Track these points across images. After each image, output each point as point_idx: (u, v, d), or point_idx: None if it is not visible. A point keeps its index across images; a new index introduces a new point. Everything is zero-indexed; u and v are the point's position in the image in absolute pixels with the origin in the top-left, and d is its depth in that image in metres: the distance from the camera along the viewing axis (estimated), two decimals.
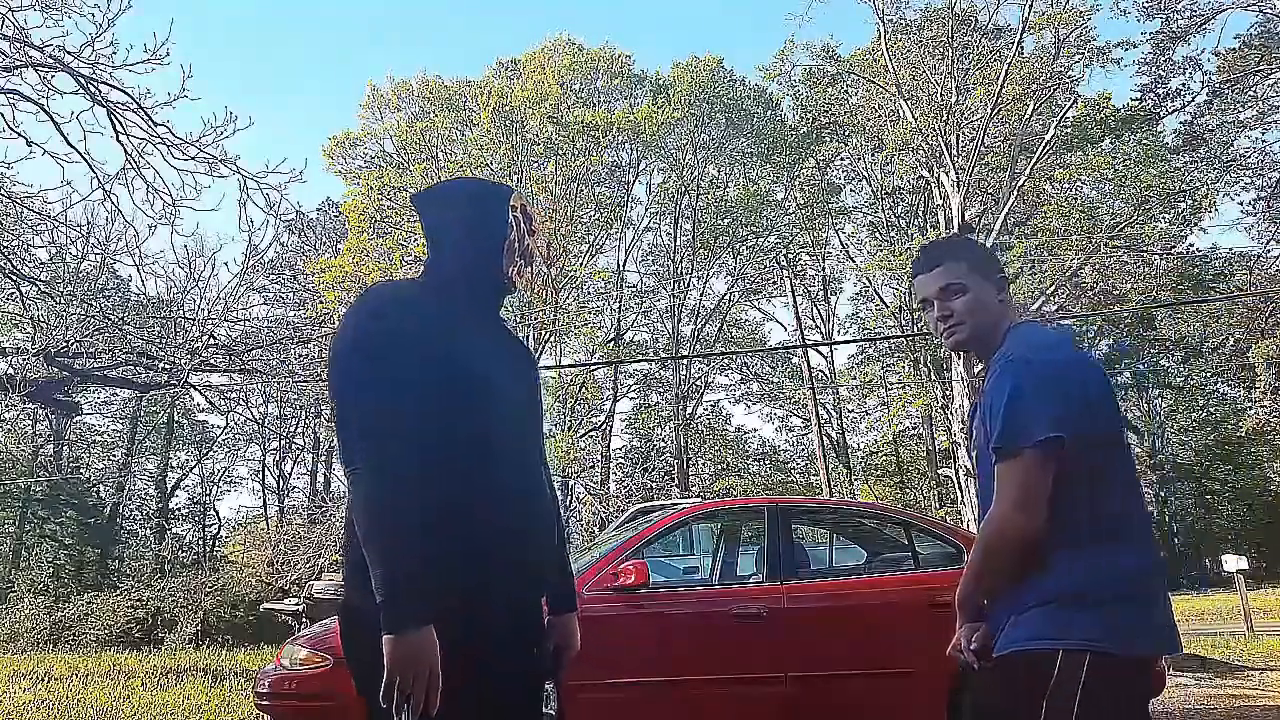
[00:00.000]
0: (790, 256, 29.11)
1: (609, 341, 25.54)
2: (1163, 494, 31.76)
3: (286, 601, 16.17)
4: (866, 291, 29.93)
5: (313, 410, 30.04)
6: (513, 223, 1.86)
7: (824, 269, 31.56)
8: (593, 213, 24.08)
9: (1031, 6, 20.23)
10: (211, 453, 35.11)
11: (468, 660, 1.51)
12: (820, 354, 32.82)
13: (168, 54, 5.70)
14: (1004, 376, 1.75)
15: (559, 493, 2.06)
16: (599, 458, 26.62)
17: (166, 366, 9.05)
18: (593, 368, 24.95)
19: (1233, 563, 12.63)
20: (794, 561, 4.79)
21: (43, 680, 10.05)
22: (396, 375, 1.59)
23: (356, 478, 1.55)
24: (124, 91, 6.06)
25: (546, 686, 1.83)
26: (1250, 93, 23.23)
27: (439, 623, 1.49)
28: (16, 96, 5.91)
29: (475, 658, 1.54)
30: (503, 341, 1.87)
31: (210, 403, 12.66)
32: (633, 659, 4.17)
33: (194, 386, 10.68)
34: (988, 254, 2.00)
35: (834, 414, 33.84)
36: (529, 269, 1.93)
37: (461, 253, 1.84)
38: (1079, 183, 22.06)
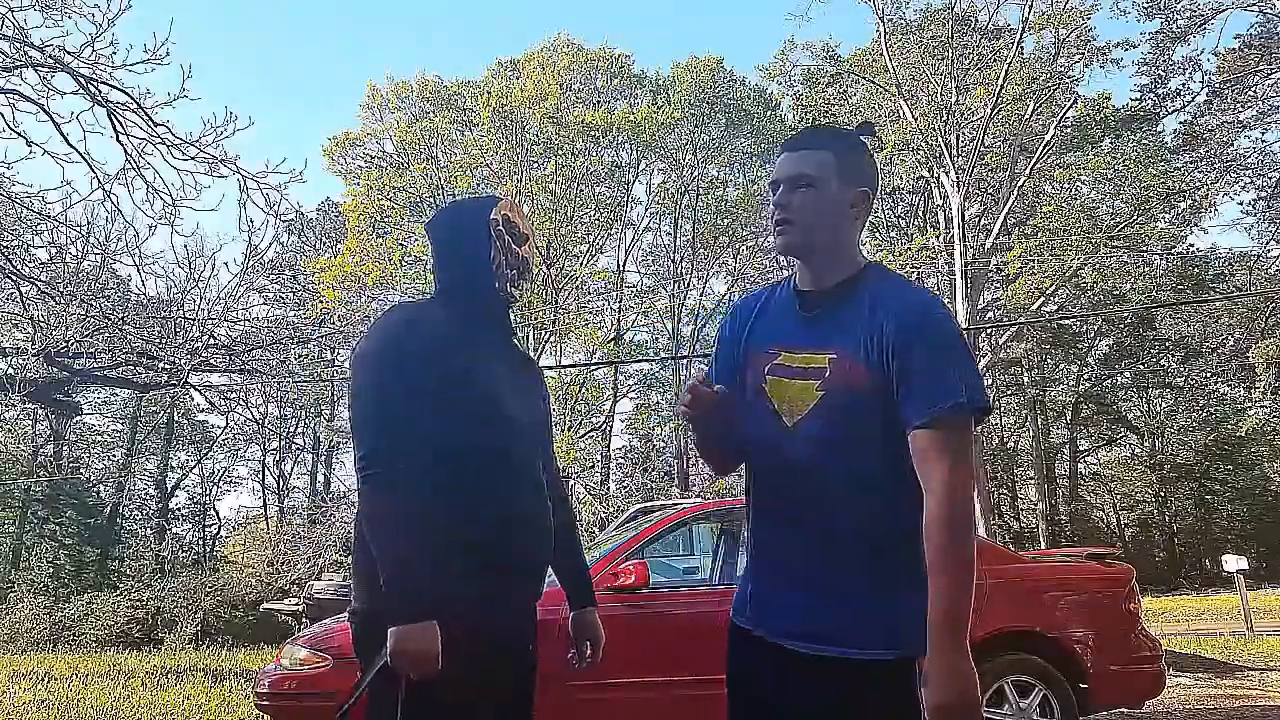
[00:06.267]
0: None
1: (609, 341, 25.54)
2: (1163, 494, 31.73)
3: (286, 601, 16.19)
4: None
5: (313, 410, 30.03)
6: (494, 237, 1.89)
7: None
8: (593, 213, 24.07)
9: (1031, 6, 20.27)
10: (211, 453, 35.08)
11: (470, 659, 1.60)
12: None
13: (167, 54, 5.70)
14: (933, 324, 1.54)
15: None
16: (599, 458, 26.64)
17: (166, 366, 9.05)
18: (593, 368, 24.95)
19: (1233, 563, 12.61)
20: None
21: (43, 680, 10.03)
22: (411, 390, 1.68)
23: (368, 483, 1.63)
24: (124, 91, 6.06)
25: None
26: (1250, 93, 23.23)
27: (445, 623, 1.58)
28: (16, 96, 5.92)
29: (476, 657, 1.62)
30: (510, 358, 1.94)
31: (210, 403, 12.67)
32: (632, 660, 4.16)
33: (194, 386, 10.69)
34: (862, 161, 1.68)
35: None
36: (525, 279, 1.95)
37: (455, 277, 1.90)
38: (1079, 183, 22.07)
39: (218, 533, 35.33)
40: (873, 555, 1.54)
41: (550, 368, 22.89)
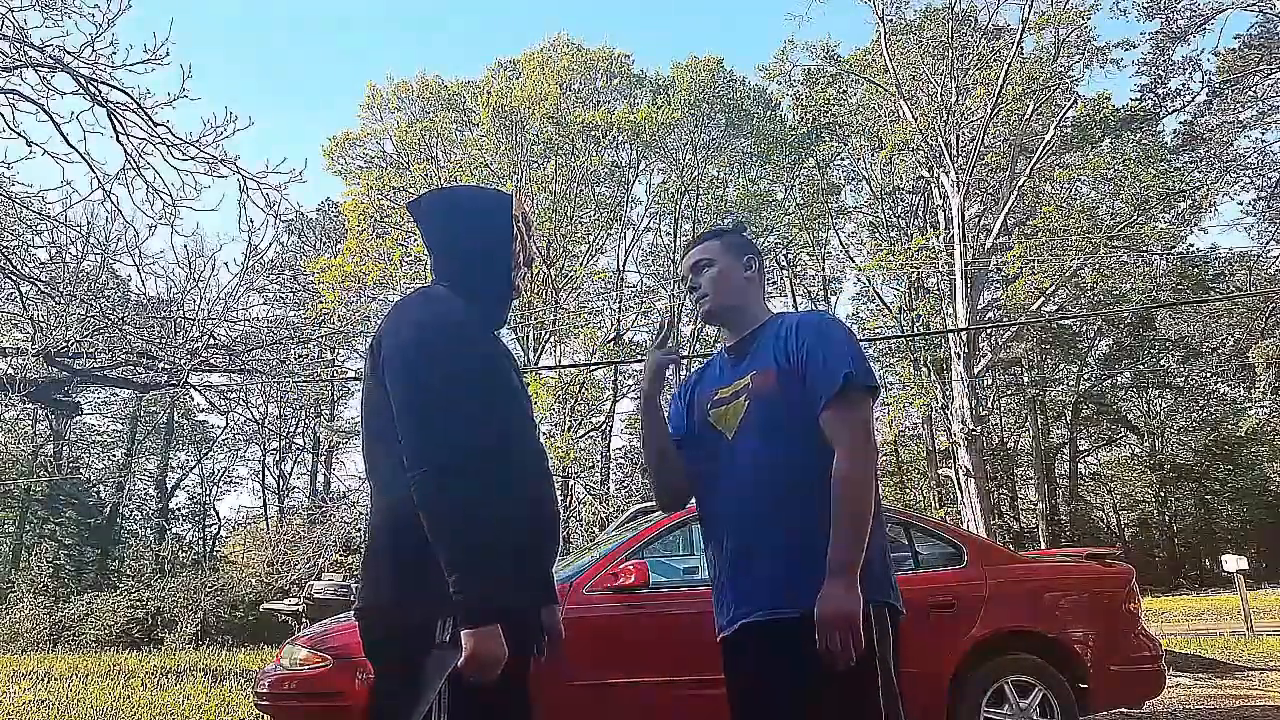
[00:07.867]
0: (790, 256, 29.10)
1: (609, 341, 25.52)
2: (1162, 494, 31.74)
3: (286, 601, 16.17)
4: (866, 291, 29.93)
5: (313, 410, 30.02)
6: (517, 232, 1.91)
7: (824, 269, 31.56)
8: (593, 213, 24.07)
9: (1031, 6, 20.26)
10: (211, 453, 35.11)
11: (513, 661, 1.61)
12: None
13: (167, 54, 5.67)
14: (824, 327, 1.95)
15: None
16: (599, 458, 26.62)
17: (166, 366, 9.05)
18: (593, 368, 24.93)
19: (1233, 563, 12.61)
20: None
21: (43, 680, 10.04)
22: (468, 381, 1.67)
23: (426, 478, 1.58)
24: (124, 91, 6.04)
25: None
26: (1250, 93, 23.21)
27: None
28: (16, 96, 5.90)
29: (517, 659, 1.63)
30: (509, 352, 1.97)
31: (210, 403, 12.68)
32: (632, 659, 4.16)
33: (194, 386, 10.69)
34: (743, 241, 2.17)
35: None
36: (530, 272, 2.00)
37: (481, 266, 1.89)
38: (1079, 183, 22.05)
39: (218, 533, 35.36)
40: (804, 528, 1.82)
41: (550, 368, 22.89)
